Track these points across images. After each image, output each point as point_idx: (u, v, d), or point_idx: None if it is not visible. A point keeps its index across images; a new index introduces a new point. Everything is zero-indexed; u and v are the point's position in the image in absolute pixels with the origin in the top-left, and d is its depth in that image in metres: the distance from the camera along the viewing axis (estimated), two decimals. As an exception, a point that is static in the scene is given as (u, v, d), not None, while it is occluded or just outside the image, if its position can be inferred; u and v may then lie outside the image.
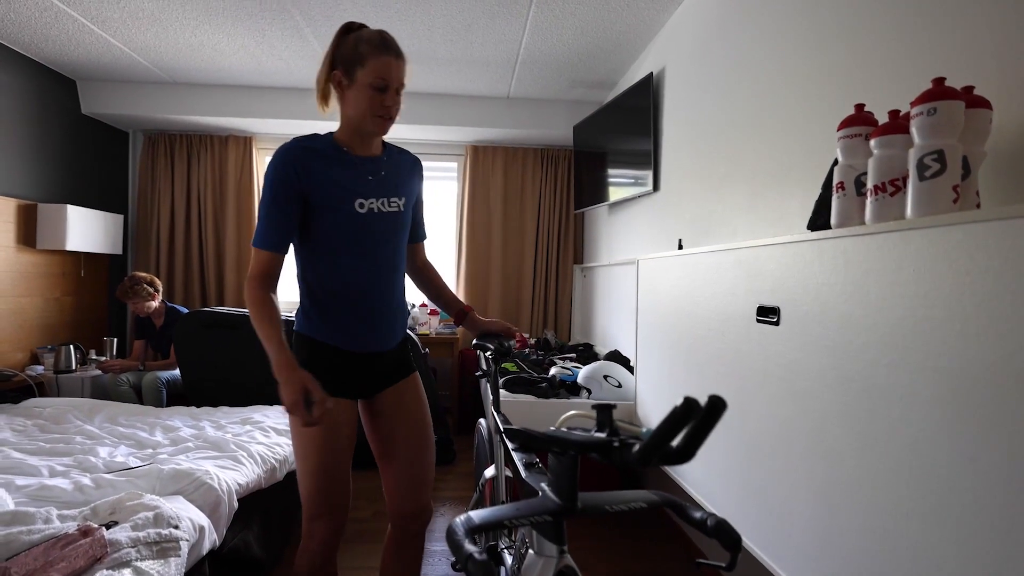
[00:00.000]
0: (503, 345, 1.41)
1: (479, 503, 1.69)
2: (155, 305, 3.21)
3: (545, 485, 0.83)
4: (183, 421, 2.32)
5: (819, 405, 1.08)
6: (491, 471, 1.59)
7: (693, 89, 2.35)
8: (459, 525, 0.69)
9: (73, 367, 3.21)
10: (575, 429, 0.79)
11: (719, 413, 0.57)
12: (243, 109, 3.74)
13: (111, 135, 3.97)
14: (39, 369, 3.17)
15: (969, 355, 0.76)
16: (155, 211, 4.06)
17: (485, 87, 3.66)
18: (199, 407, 2.60)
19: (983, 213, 0.74)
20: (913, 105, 0.90)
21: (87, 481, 1.57)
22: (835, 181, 1.09)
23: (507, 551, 1.40)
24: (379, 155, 1.28)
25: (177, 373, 3.16)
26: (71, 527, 1.22)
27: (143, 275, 3.16)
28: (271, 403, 2.79)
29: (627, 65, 3.24)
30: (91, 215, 3.47)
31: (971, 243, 0.76)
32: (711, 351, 1.53)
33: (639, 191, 2.88)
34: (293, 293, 4.31)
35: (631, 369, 2.63)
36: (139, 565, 1.16)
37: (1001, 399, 0.72)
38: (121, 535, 1.21)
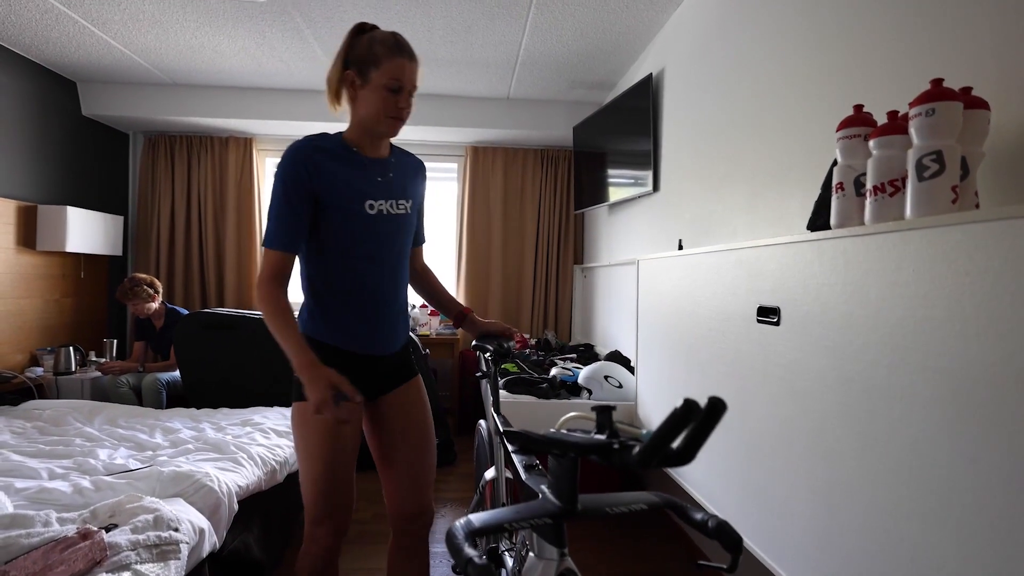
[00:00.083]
0: (502, 346, 1.41)
1: (479, 505, 1.69)
2: (155, 306, 3.21)
3: (545, 487, 0.83)
4: (183, 423, 2.32)
5: (819, 405, 1.08)
6: (491, 473, 1.59)
7: (693, 90, 2.35)
8: (459, 529, 0.69)
9: (73, 369, 3.21)
10: (575, 431, 0.79)
11: (719, 415, 0.57)
12: (243, 110, 3.74)
13: (111, 136, 3.97)
14: (39, 371, 3.16)
15: (969, 355, 0.76)
16: (155, 212, 4.06)
17: (485, 88, 3.66)
18: (199, 409, 2.60)
19: (982, 213, 0.74)
20: (911, 106, 0.90)
21: (87, 484, 1.56)
22: (834, 181, 1.09)
23: (508, 553, 1.39)
24: (387, 157, 1.28)
25: (177, 375, 3.16)
26: (70, 530, 1.22)
27: (143, 276, 3.16)
28: (271, 404, 2.79)
29: (626, 66, 3.24)
30: (91, 216, 3.47)
31: (970, 243, 0.76)
32: (711, 351, 1.53)
33: (639, 191, 2.88)
34: (294, 294, 4.31)
35: (632, 369, 2.63)
36: (139, 568, 1.16)
37: (1001, 399, 0.72)
38: (121, 538, 1.21)
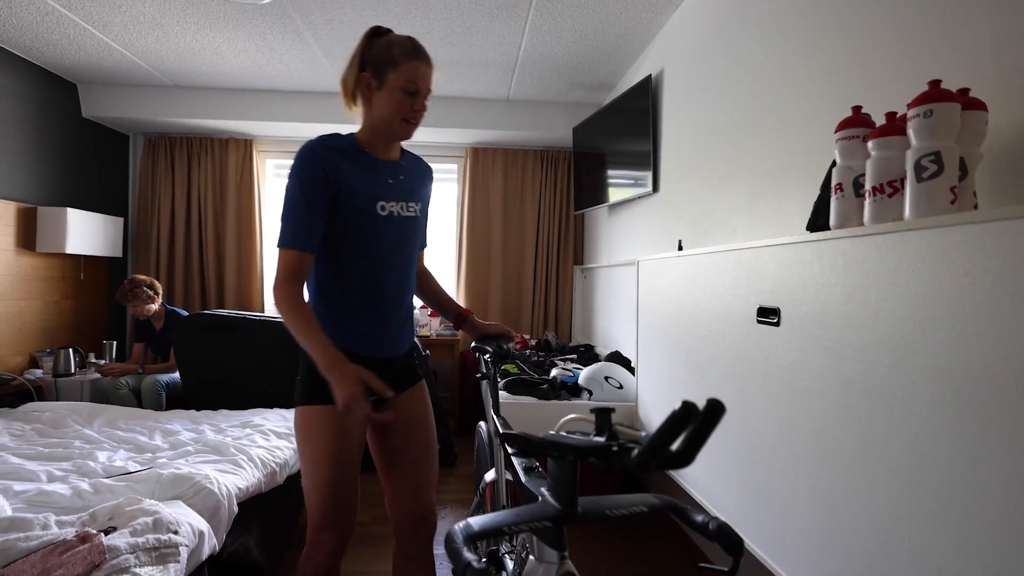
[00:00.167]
0: (502, 348, 1.41)
1: (480, 506, 1.69)
2: (155, 308, 3.21)
3: (545, 490, 0.83)
4: (183, 425, 2.31)
5: (819, 406, 1.07)
6: (491, 475, 1.59)
7: (692, 90, 2.35)
8: (458, 533, 0.69)
9: (72, 371, 3.20)
10: (574, 433, 0.79)
11: (718, 417, 0.57)
12: (243, 112, 3.74)
13: (112, 138, 3.98)
14: (38, 373, 3.16)
15: (968, 355, 0.76)
16: (155, 214, 4.06)
17: (485, 89, 3.66)
18: (199, 410, 2.60)
19: (981, 214, 0.74)
20: (910, 107, 0.90)
21: (86, 486, 1.56)
22: (833, 182, 1.08)
23: (508, 556, 1.39)
24: (398, 159, 1.28)
25: (177, 376, 3.16)
26: (69, 533, 1.22)
27: (143, 278, 3.16)
28: (271, 406, 2.78)
29: (626, 67, 3.24)
30: (91, 218, 3.47)
31: (969, 244, 0.76)
32: (712, 352, 1.53)
33: (639, 192, 2.88)
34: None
35: (632, 370, 2.63)
36: (138, 571, 1.16)
37: (1001, 399, 0.72)
38: (120, 541, 1.21)
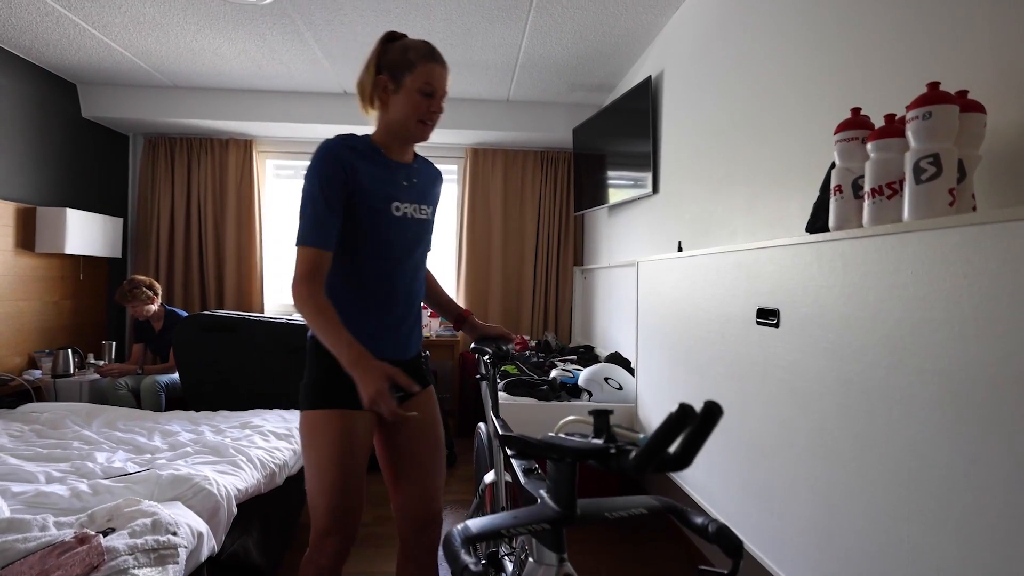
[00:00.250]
0: (501, 349, 1.41)
1: (479, 508, 1.68)
2: (154, 309, 3.21)
3: (544, 492, 0.83)
4: (182, 426, 2.31)
5: (819, 406, 1.07)
6: (491, 476, 1.58)
7: (692, 92, 2.35)
8: (456, 535, 0.68)
9: (71, 371, 3.20)
10: (573, 435, 0.79)
11: (715, 419, 0.57)
12: (243, 113, 3.74)
13: (111, 138, 3.98)
14: (37, 373, 3.16)
15: (967, 356, 0.76)
16: (155, 214, 4.06)
17: (485, 90, 3.66)
18: (198, 411, 2.59)
19: (979, 216, 0.74)
20: (908, 109, 0.90)
21: (84, 487, 1.56)
22: (832, 184, 1.08)
23: (507, 558, 1.39)
24: (412, 162, 1.29)
25: (176, 377, 3.15)
26: (68, 534, 1.21)
27: (142, 278, 3.15)
28: (271, 407, 2.78)
29: (626, 68, 3.24)
30: (90, 218, 3.47)
31: (968, 245, 0.76)
32: (711, 353, 1.53)
33: (639, 193, 2.88)
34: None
35: (632, 371, 2.63)
36: (136, 573, 1.15)
37: (999, 400, 0.72)
38: (118, 542, 1.20)
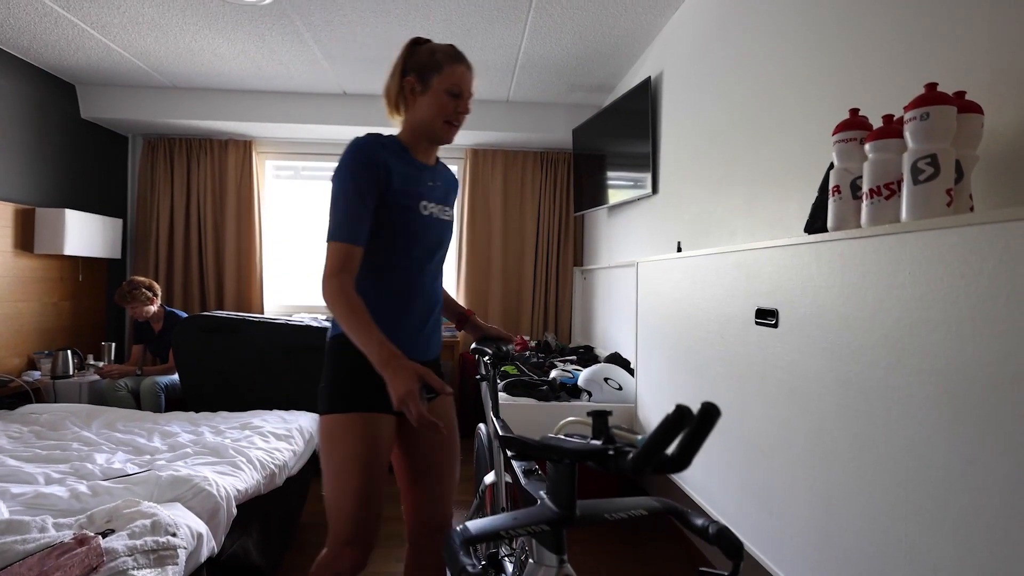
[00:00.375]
0: (501, 350, 1.41)
1: (479, 509, 1.68)
2: (154, 309, 3.21)
3: (544, 493, 0.83)
4: (181, 427, 2.31)
5: (817, 406, 1.07)
6: (491, 477, 1.58)
7: (691, 92, 2.35)
8: (455, 536, 0.68)
9: (70, 372, 3.20)
10: (573, 436, 0.79)
11: (712, 420, 0.57)
12: (243, 113, 3.74)
13: (110, 139, 3.97)
14: (36, 375, 3.16)
15: (965, 356, 0.76)
16: (154, 215, 4.06)
17: (485, 91, 3.66)
18: (198, 412, 2.59)
19: (977, 216, 0.74)
20: (906, 110, 0.90)
21: (84, 488, 1.55)
22: (831, 184, 1.09)
23: (508, 559, 1.39)
24: (435, 165, 1.31)
25: (176, 378, 3.15)
26: (67, 536, 1.21)
27: (142, 279, 3.15)
28: (271, 408, 2.78)
29: (625, 69, 3.24)
30: (90, 219, 3.47)
31: (965, 246, 0.76)
32: (710, 353, 1.53)
33: (638, 194, 2.88)
34: (306, 297, 4.31)
35: (631, 371, 2.63)
36: (135, 574, 1.15)
37: (997, 400, 0.72)
38: (118, 544, 1.20)
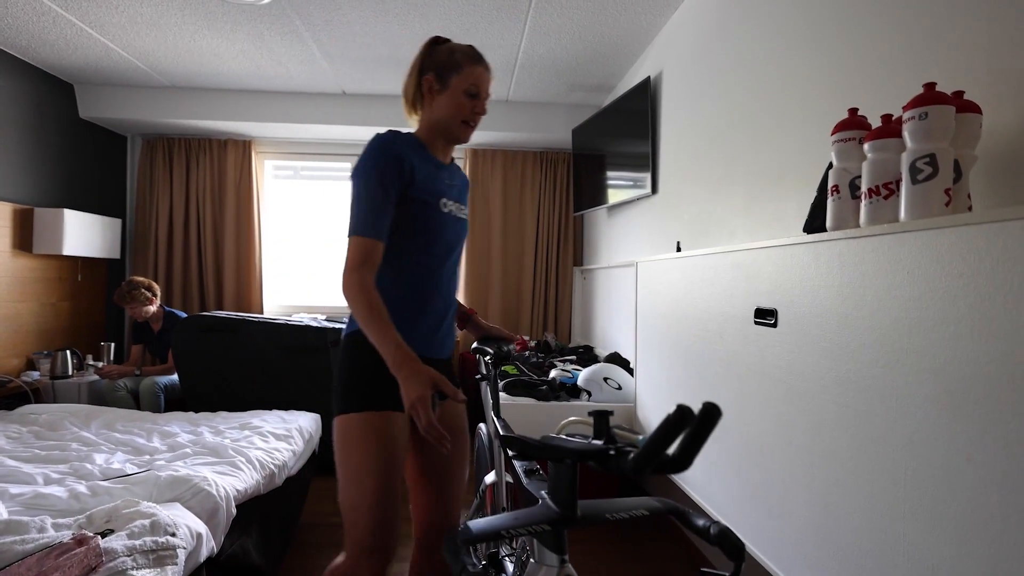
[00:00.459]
0: (502, 349, 1.41)
1: (480, 509, 1.68)
2: (153, 310, 3.20)
3: (545, 493, 0.83)
4: (181, 427, 2.31)
5: (816, 406, 1.08)
6: (491, 477, 1.58)
7: (691, 92, 2.35)
8: (456, 536, 0.68)
9: (69, 373, 3.20)
10: (574, 435, 0.79)
11: (714, 421, 0.57)
12: (242, 113, 3.74)
13: (109, 139, 3.97)
14: (35, 375, 3.15)
15: (963, 355, 0.76)
16: (153, 215, 4.05)
17: (482, 90, 3.66)
18: (197, 412, 2.59)
19: (975, 216, 0.74)
20: (905, 110, 0.90)
21: (83, 489, 1.55)
22: (830, 184, 1.09)
23: (508, 559, 1.39)
24: (451, 164, 1.31)
25: (175, 378, 3.15)
26: (66, 536, 1.21)
27: (141, 279, 3.15)
28: (270, 408, 2.78)
29: (625, 69, 3.24)
30: (89, 219, 3.46)
31: (963, 245, 0.76)
32: (710, 353, 1.53)
33: (638, 193, 2.88)
34: (306, 297, 4.30)
35: (631, 371, 2.63)
36: (135, 574, 1.15)
37: (995, 399, 0.72)
38: (117, 544, 1.20)
